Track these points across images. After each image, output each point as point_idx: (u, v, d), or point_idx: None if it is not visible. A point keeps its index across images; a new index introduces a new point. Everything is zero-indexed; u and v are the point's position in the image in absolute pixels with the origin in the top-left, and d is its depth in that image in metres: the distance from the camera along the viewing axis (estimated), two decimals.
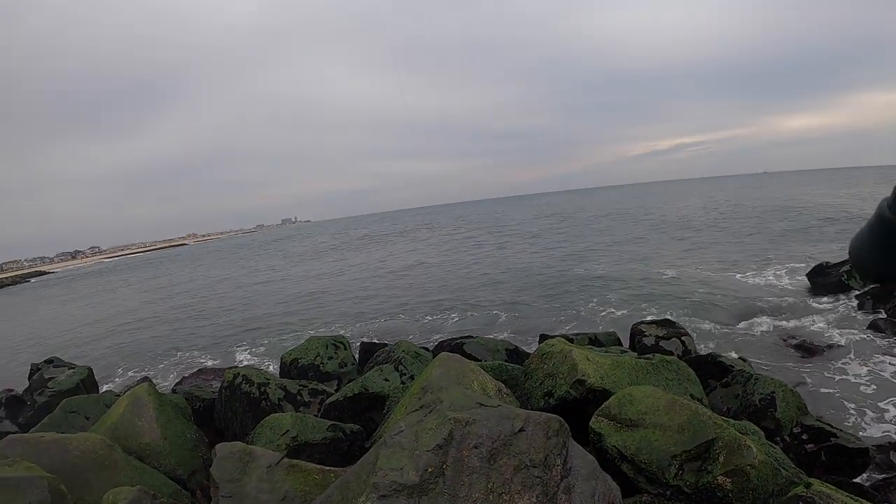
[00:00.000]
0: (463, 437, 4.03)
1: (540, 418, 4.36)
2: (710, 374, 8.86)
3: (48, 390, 12.23)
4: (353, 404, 8.72)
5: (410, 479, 3.75)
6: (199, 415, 9.88)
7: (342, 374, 11.64)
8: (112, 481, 6.30)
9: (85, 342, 24.99)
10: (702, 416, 5.50)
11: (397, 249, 53.99)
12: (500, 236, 53.62)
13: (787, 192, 70.96)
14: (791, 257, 23.34)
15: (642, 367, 7.53)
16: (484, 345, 11.40)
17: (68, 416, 9.27)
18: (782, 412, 7.22)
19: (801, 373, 10.80)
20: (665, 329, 11.38)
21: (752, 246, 27.81)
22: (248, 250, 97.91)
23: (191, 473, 7.61)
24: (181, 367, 17.31)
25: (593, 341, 11.08)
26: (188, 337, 22.64)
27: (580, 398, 6.94)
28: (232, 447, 6.01)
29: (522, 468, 3.98)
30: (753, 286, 18.71)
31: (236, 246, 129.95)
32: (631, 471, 5.41)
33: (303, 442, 7.34)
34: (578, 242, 38.86)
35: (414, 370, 9.71)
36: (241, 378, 9.55)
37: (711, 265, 23.70)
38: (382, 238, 77.36)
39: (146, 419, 7.95)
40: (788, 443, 6.97)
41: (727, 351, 11.86)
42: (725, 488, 4.89)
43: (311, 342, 12.42)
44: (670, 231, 39.91)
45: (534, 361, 8.05)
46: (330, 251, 65.17)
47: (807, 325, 13.62)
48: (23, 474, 5.32)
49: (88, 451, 6.67)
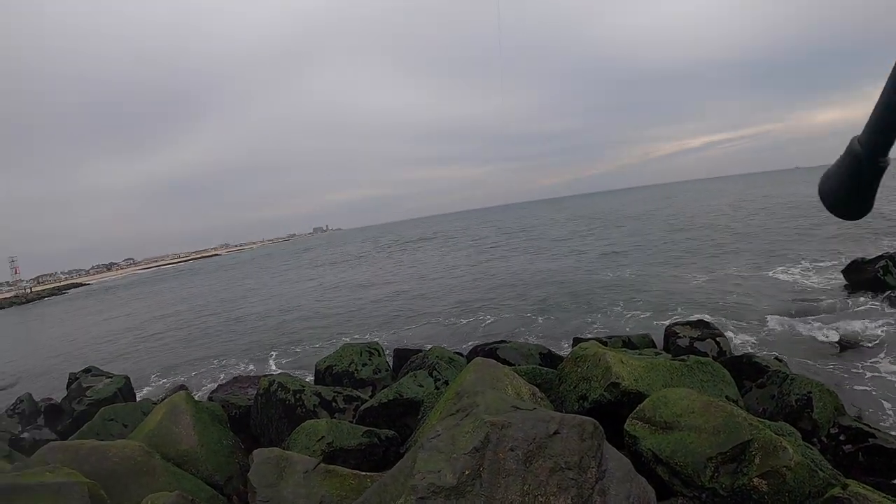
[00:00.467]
0: (499, 439, 4.06)
1: (574, 421, 4.38)
2: (745, 375, 8.76)
3: (86, 399, 12.48)
4: (388, 410, 8.78)
5: (448, 481, 3.79)
6: (236, 422, 10.02)
7: (376, 381, 11.72)
8: (150, 487, 6.43)
9: (121, 351, 25.44)
10: (737, 417, 5.46)
11: (426, 255, 54.09)
12: (528, 240, 53.46)
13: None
14: (825, 254, 22.94)
15: (677, 368, 7.49)
16: (517, 349, 11.40)
17: (107, 424, 9.47)
18: (819, 413, 7.12)
19: (837, 372, 10.61)
20: (699, 330, 11.28)
21: (785, 243, 27.34)
22: (280, 259, 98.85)
23: (227, 479, 7.73)
24: (216, 375, 17.54)
25: (627, 344, 11.03)
26: (223, 345, 22.92)
27: (615, 401, 6.92)
28: (269, 453, 6.11)
29: (557, 470, 3.99)
30: (788, 284, 18.42)
31: (268, 255, 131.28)
32: (666, 473, 5.38)
33: (338, 448, 7.42)
34: (608, 245, 38.56)
35: (448, 375, 9.76)
36: (276, 385, 9.68)
37: (744, 264, 23.37)
38: (411, 244, 77.59)
39: (183, 426, 8.09)
40: (825, 444, 6.86)
41: (762, 351, 11.70)
42: (761, 490, 4.85)
43: (345, 349, 12.53)
44: (700, 230, 39.43)
45: (567, 365, 8.04)
46: (359, 258, 65.57)
47: (843, 324, 13.36)
48: (63, 480, 5.46)
49: (127, 458, 6.81)
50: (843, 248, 23.81)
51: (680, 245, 32.87)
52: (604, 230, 53.07)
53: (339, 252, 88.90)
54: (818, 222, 33.58)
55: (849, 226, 30.05)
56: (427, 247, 66.85)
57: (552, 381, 8.24)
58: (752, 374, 8.77)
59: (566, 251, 38.44)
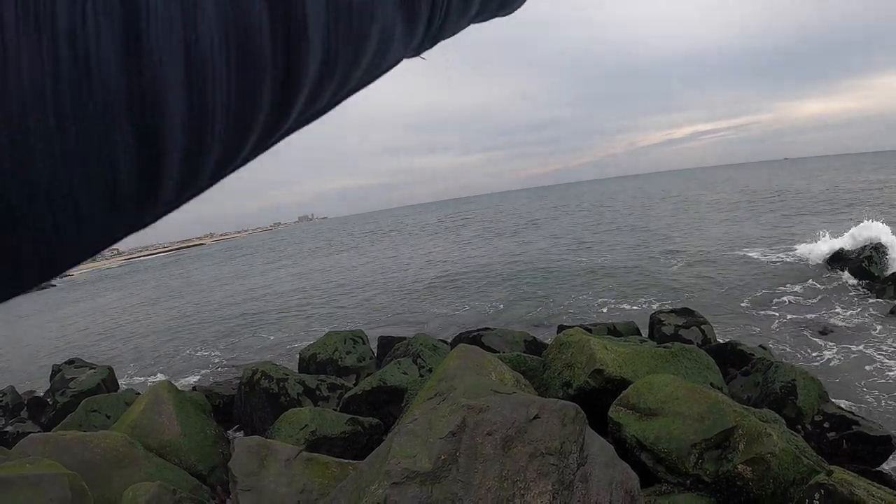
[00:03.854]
0: (476, 424, 4.01)
1: (556, 405, 4.33)
2: (730, 363, 8.78)
3: (70, 390, 12.33)
4: (372, 398, 8.73)
5: (423, 466, 3.73)
6: (220, 411, 9.95)
7: (361, 369, 11.64)
8: (133, 478, 6.35)
9: (105, 343, 25.22)
10: (722, 404, 5.44)
11: (409, 244, 54.03)
12: (515, 229, 53.40)
13: (808, 179, 69.83)
14: (811, 244, 23.00)
15: (661, 355, 7.47)
16: (502, 336, 11.35)
17: (90, 415, 9.36)
18: (803, 400, 7.13)
19: (822, 360, 10.66)
20: (684, 318, 11.26)
21: (771, 232, 27.44)
22: (266, 248, 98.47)
23: (211, 469, 7.67)
24: (200, 365, 17.45)
25: (612, 331, 11.00)
26: (207, 335, 22.76)
27: (599, 388, 6.89)
28: (250, 441, 6.04)
29: (538, 455, 3.94)
30: (774, 274, 18.44)
31: (253, 244, 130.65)
32: (650, 460, 5.36)
33: (322, 436, 7.38)
34: (593, 234, 38.59)
35: (432, 363, 9.70)
36: (259, 374, 9.60)
37: (730, 253, 23.38)
38: (396, 233, 77.42)
39: (166, 416, 8.02)
40: (810, 431, 6.88)
41: (747, 339, 11.69)
42: (746, 477, 4.84)
43: (329, 337, 12.44)
44: (686, 219, 39.52)
45: (552, 352, 8.01)
46: (343, 247, 65.44)
47: (827, 312, 13.43)
48: (43, 472, 5.37)
49: (109, 449, 6.73)
50: (829, 238, 23.85)
51: (665, 232, 32.87)
52: (590, 219, 53.09)
53: (323, 241, 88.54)
54: (804, 212, 33.75)
55: (836, 215, 30.20)
56: (413, 235, 66.73)
57: (536, 368, 8.20)
58: (736, 362, 8.79)
59: (552, 240, 38.36)
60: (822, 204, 37.64)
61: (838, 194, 42.52)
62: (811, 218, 30.45)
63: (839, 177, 67.82)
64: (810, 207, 36.61)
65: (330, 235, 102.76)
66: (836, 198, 39.87)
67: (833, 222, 26.45)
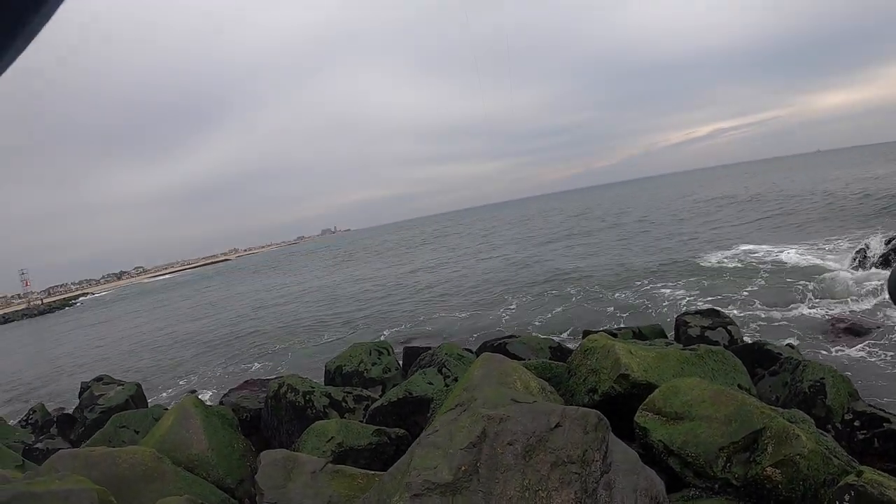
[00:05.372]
0: (497, 434, 3.99)
1: (577, 413, 4.30)
2: (757, 363, 8.66)
3: (98, 406, 12.50)
4: (398, 409, 8.73)
5: (444, 477, 3.72)
6: (246, 425, 10.01)
7: (386, 380, 11.67)
8: (161, 492, 6.41)
9: (132, 359, 25.57)
10: (749, 406, 5.37)
11: (431, 254, 53.98)
12: (538, 235, 53.19)
13: (835, 172, 68.39)
14: (837, 239, 22.67)
15: (687, 358, 7.39)
16: (527, 343, 11.30)
17: (118, 431, 9.49)
18: (832, 399, 7.00)
19: (851, 357, 10.47)
20: (710, 319, 11.14)
21: (796, 229, 27.11)
22: (288, 261, 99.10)
23: (239, 482, 7.71)
24: (227, 379, 17.58)
25: (637, 335, 10.93)
26: (232, 349, 22.98)
27: (625, 393, 6.83)
28: (276, 454, 6.08)
29: (559, 464, 3.91)
30: (799, 270, 18.18)
31: (275, 258, 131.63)
32: (678, 465, 5.30)
33: (348, 448, 7.39)
34: (615, 238, 38.31)
35: (458, 372, 9.67)
36: (285, 387, 9.65)
37: (755, 251, 23.13)
38: (416, 244, 77.40)
39: (193, 431, 8.09)
40: (840, 430, 6.74)
41: (775, 338, 11.53)
42: (775, 479, 4.76)
43: (354, 349, 12.49)
44: (707, 219, 39.14)
45: (577, 358, 7.96)
46: (365, 258, 65.64)
47: (855, 308, 13.20)
48: (72, 487, 5.43)
49: (137, 464, 6.80)
50: (855, 233, 23.48)
51: (688, 234, 32.57)
52: (612, 223, 52.68)
53: (342, 253, 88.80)
54: (830, 207, 33.22)
55: (864, 211, 29.70)
56: (433, 245, 66.66)
57: (562, 374, 8.16)
58: (764, 362, 8.67)
59: (574, 245, 38.19)
60: (847, 199, 36.93)
61: (860, 187, 41.53)
62: (838, 215, 29.94)
63: (872, 171, 65.90)
64: (837, 202, 35.98)
65: (351, 248, 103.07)
66: (859, 191, 38.96)
67: (867, 223, 26.02)
